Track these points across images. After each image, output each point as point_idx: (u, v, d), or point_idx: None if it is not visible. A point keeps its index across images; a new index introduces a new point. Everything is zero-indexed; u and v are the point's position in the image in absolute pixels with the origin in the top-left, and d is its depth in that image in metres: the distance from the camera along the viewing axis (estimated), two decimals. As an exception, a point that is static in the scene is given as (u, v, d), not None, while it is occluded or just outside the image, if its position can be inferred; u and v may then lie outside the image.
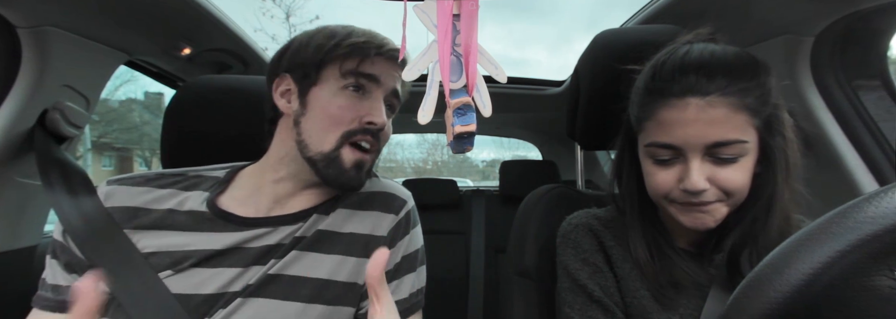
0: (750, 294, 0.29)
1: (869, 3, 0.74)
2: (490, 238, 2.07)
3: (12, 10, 0.82)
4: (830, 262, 0.26)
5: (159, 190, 0.65)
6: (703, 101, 0.53)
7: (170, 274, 0.60)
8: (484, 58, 0.43)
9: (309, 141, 0.64)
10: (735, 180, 0.55)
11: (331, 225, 0.68)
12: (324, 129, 0.63)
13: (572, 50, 29.99)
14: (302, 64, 0.65)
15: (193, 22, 1.05)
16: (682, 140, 0.55)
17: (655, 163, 0.59)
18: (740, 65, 0.55)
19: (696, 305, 0.61)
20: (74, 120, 0.94)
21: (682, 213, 0.58)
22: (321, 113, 0.63)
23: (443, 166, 15.60)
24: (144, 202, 0.64)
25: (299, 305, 0.62)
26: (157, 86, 1.34)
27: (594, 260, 0.66)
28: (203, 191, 0.66)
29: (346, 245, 0.67)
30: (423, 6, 0.41)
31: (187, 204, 0.65)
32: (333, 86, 0.64)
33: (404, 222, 0.72)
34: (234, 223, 0.64)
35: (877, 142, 0.84)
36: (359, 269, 0.67)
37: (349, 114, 0.63)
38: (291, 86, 0.67)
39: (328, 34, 0.66)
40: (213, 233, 0.63)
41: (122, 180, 0.66)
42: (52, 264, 0.62)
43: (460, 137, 0.43)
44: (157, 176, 0.67)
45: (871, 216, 0.26)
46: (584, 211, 0.72)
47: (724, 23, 0.92)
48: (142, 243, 0.61)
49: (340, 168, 0.64)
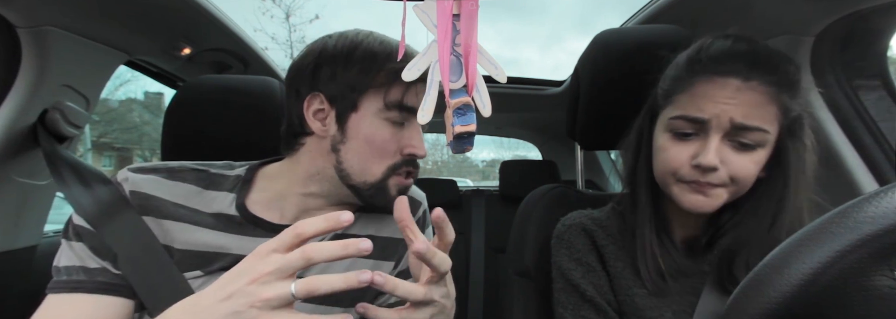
0: (750, 294, 0.29)
1: (869, 3, 0.74)
2: (490, 238, 2.07)
3: (12, 10, 0.82)
4: (830, 262, 0.26)
5: (184, 185, 0.63)
6: (743, 84, 0.55)
7: (199, 275, 0.59)
8: (484, 58, 0.43)
9: (351, 171, 0.62)
10: (745, 168, 0.56)
11: (351, 229, 0.67)
12: (368, 161, 0.62)
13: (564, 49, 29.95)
14: (339, 85, 0.61)
15: (193, 22, 1.05)
16: (712, 114, 0.55)
17: (674, 137, 0.59)
18: (783, 63, 0.57)
19: (689, 302, 0.61)
20: (74, 119, 0.94)
21: (684, 194, 0.58)
22: (364, 144, 0.61)
23: (443, 166, 15.60)
24: (172, 195, 0.62)
25: (317, 307, 0.62)
26: (157, 86, 1.34)
27: (587, 260, 0.67)
28: (228, 192, 0.65)
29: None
30: (423, 6, 0.41)
31: (214, 205, 0.63)
32: (375, 116, 0.61)
33: (420, 223, 0.73)
34: (265, 229, 0.62)
35: (877, 142, 0.84)
36: (375, 271, 0.67)
37: (392, 147, 0.62)
38: (325, 107, 0.62)
39: (368, 54, 0.61)
40: (245, 237, 0.61)
41: (144, 169, 0.63)
42: (77, 247, 0.58)
43: (460, 137, 0.43)
44: (180, 168, 0.65)
45: (870, 216, 0.26)
46: (578, 212, 0.73)
47: (724, 23, 0.93)
48: (171, 236, 0.60)
49: (387, 196, 0.63)
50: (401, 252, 0.70)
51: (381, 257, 0.68)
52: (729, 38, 0.59)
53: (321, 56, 0.63)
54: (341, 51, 0.62)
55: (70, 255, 0.58)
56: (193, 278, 0.59)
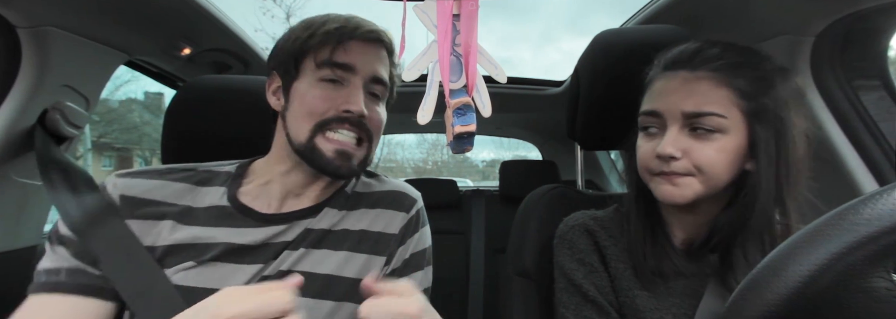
0: (748, 297, 0.29)
1: (869, 3, 0.74)
2: (490, 238, 2.07)
3: (12, 10, 0.82)
4: (828, 264, 0.26)
5: (174, 184, 0.65)
6: (690, 74, 0.58)
7: (193, 265, 0.60)
8: (484, 58, 0.43)
9: (291, 133, 0.64)
10: (707, 155, 0.56)
11: (342, 223, 0.68)
12: (301, 121, 0.63)
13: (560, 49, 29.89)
14: (284, 59, 0.65)
15: (193, 22, 1.05)
16: (663, 106, 0.59)
17: (645, 135, 0.62)
18: (737, 49, 0.59)
19: (691, 305, 0.61)
20: (74, 120, 0.94)
21: (658, 186, 0.60)
22: (299, 105, 0.64)
23: (443, 166, 15.59)
24: (162, 196, 0.63)
25: (309, 301, 0.62)
26: (157, 86, 1.34)
27: (589, 260, 0.67)
28: (219, 186, 0.66)
29: (357, 242, 0.68)
30: (423, 6, 0.41)
31: (206, 200, 0.65)
32: (311, 78, 0.64)
33: (414, 220, 0.73)
34: (255, 218, 0.64)
35: (877, 142, 0.84)
36: (368, 266, 0.67)
37: (324, 105, 0.63)
38: (278, 83, 0.67)
39: (305, 25, 0.65)
40: (236, 229, 0.63)
41: (132, 173, 0.65)
42: (59, 251, 0.59)
43: (460, 137, 0.43)
44: (168, 170, 0.67)
45: (867, 218, 0.26)
46: (581, 213, 0.73)
47: (724, 23, 0.93)
48: (163, 235, 0.61)
49: (322, 157, 0.63)
50: (392, 248, 0.70)
51: (373, 251, 0.68)
52: (697, 41, 0.61)
53: (280, 39, 0.68)
54: (293, 30, 0.67)
55: (52, 258, 0.59)
56: (186, 269, 0.60)
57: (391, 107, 0.74)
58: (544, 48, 31.65)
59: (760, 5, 0.83)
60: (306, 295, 0.62)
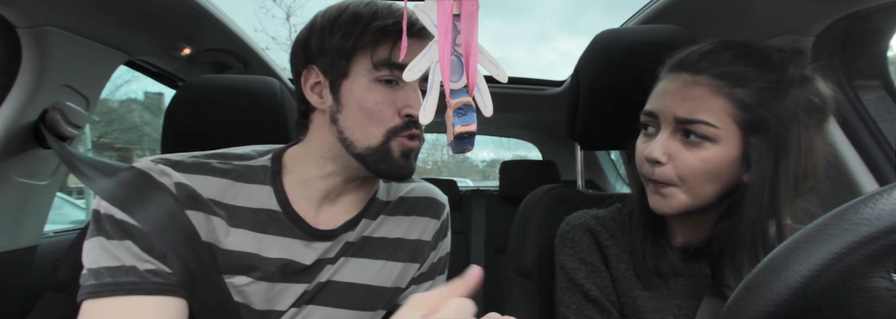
0: (747, 297, 0.29)
1: (869, 3, 0.74)
2: (490, 238, 2.07)
3: (12, 10, 0.82)
4: (827, 264, 0.26)
5: (215, 179, 0.59)
6: (691, 78, 0.56)
7: (248, 282, 0.57)
8: (484, 57, 0.43)
9: (353, 138, 0.60)
10: (691, 164, 0.55)
11: (378, 231, 0.67)
12: (366, 126, 0.60)
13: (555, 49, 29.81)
14: (328, 53, 0.60)
15: (193, 22, 1.05)
16: (658, 108, 0.58)
17: (643, 135, 0.61)
18: (752, 54, 0.55)
19: (692, 306, 0.61)
20: (74, 119, 0.94)
21: (650, 194, 0.60)
22: (358, 110, 0.59)
23: (443, 166, 15.58)
24: (206, 190, 0.58)
25: (348, 312, 0.62)
26: (157, 86, 1.34)
27: (591, 260, 0.66)
28: (262, 184, 0.62)
29: (394, 250, 0.67)
30: (423, 6, 0.41)
31: (253, 200, 0.60)
32: (365, 79, 0.59)
33: (445, 225, 0.74)
34: (304, 230, 0.61)
35: (877, 142, 0.84)
36: (404, 274, 0.67)
37: (388, 109, 0.59)
38: (321, 79, 0.61)
39: (352, 17, 0.59)
40: (289, 239, 0.60)
41: (170, 162, 0.58)
42: (122, 245, 0.52)
43: (460, 137, 0.43)
44: (199, 162, 0.60)
45: (867, 217, 0.26)
46: (583, 212, 0.72)
47: (724, 23, 0.93)
48: (218, 235, 0.57)
49: (391, 160, 0.61)
50: (426, 254, 0.70)
51: (410, 259, 0.68)
52: (714, 42, 0.58)
53: (312, 29, 0.62)
54: (328, 19, 0.61)
55: (111, 255, 0.52)
56: (243, 285, 0.57)
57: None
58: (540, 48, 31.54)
59: (760, 5, 0.83)
60: (350, 307, 0.62)
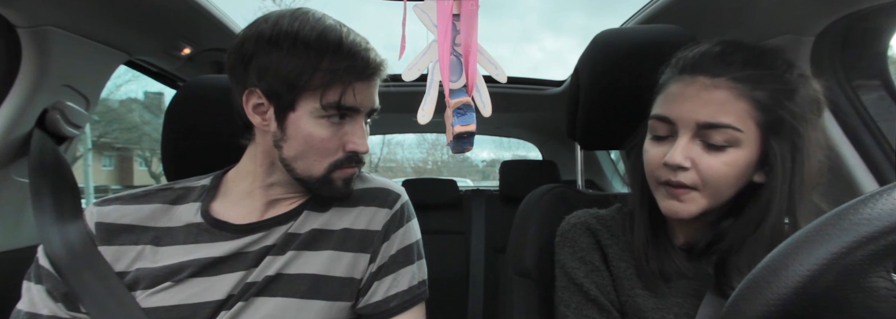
0: (747, 297, 0.29)
1: (869, 3, 0.74)
2: (490, 238, 2.07)
3: (12, 10, 0.82)
4: (827, 264, 0.26)
5: (150, 206, 0.65)
6: (709, 81, 0.54)
7: (170, 285, 0.61)
8: (484, 57, 0.43)
9: (295, 165, 0.63)
10: (716, 169, 0.54)
11: (325, 223, 0.68)
12: (309, 159, 0.62)
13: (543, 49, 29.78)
14: (274, 81, 0.58)
15: (193, 22, 1.05)
16: (676, 114, 0.56)
17: (653, 139, 0.60)
18: (762, 55, 0.55)
19: (693, 305, 0.61)
20: (74, 119, 0.94)
21: (663, 199, 0.59)
22: (304, 143, 0.61)
23: (443, 166, 15.60)
24: (138, 218, 0.64)
25: (298, 301, 0.63)
26: (157, 86, 1.34)
27: (591, 259, 0.66)
28: (194, 202, 0.67)
29: (341, 240, 0.68)
30: (423, 6, 0.41)
31: (183, 218, 0.65)
32: (312, 115, 0.60)
33: (399, 215, 0.72)
34: (229, 231, 0.64)
35: (877, 142, 0.84)
36: (355, 264, 0.67)
37: (332, 144, 0.62)
38: (264, 102, 0.61)
39: (303, 49, 0.57)
40: (211, 244, 0.63)
41: (108, 200, 0.66)
42: (35, 290, 0.61)
43: (460, 137, 0.43)
44: (144, 193, 0.67)
45: (866, 217, 0.26)
46: (584, 211, 0.72)
47: (724, 23, 0.93)
48: (140, 260, 0.62)
49: (332, 187, 0.65)
50: (376, 244, 0.70)
51: (359, 249, 0.68)
52: (720, 43, 0.58)
53: (257, 44, 0.59)
54: (275, 42, 0.58)
55: (27, 299, 0.61)
56: (164, 289, 0.60)
57: (391, 107, 0.74)
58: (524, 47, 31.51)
59: (761, 5, 0.83)
60: (296, 296, 0.63)
